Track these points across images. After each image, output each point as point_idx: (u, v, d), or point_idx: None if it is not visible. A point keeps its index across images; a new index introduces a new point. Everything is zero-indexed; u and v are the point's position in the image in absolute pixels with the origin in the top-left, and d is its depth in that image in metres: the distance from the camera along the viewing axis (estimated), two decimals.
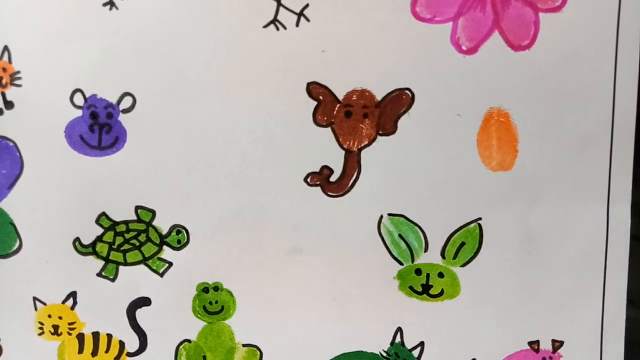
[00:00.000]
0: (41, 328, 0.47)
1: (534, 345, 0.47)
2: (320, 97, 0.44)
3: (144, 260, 0.46)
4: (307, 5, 0.42)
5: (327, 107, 0.44)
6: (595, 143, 0.44)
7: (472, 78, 0.43)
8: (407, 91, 0.43)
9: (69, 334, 0.47)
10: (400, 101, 0.44)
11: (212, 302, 0.46)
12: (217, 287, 0.46)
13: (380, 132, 0.44)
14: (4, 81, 0.43)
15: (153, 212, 0.45)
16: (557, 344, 0.47)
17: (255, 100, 0.44)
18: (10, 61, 0.43)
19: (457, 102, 0.44)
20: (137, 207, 0.45)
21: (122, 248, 0.46)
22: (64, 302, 0.46)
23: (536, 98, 0.43)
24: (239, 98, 0.44)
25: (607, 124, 0.43)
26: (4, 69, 0.43)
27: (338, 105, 0.44)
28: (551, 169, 0.44)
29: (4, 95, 0.43)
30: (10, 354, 0.47)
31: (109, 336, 0.47)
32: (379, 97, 0.44)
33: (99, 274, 0.46)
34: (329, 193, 0.45)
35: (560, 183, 0.44)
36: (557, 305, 0.46)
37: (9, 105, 0.43)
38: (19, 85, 0.43)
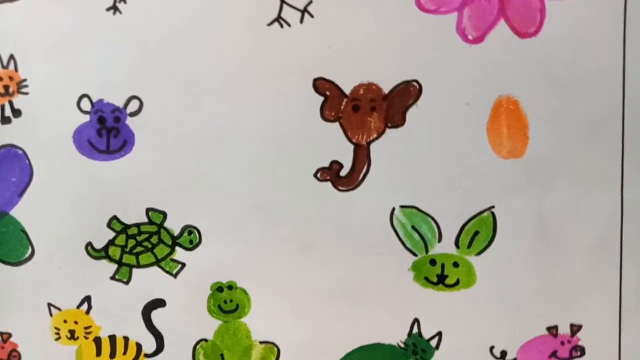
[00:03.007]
0: (57, 333, 0.51)
1: (553, 330, 0.50)
2: (327, 92, 0.47)
3: (157, 262, 0.50)
4: (310, 2, 0.46)
5: (335, 102, 0.47)
6: (606, 127, 0.47)
7: (480, 67, 0.46)
8: (414, 83, 0.47)
9: (86, 338, 0.51)
10: (407, 93, 0.47)
11: (227, 300, 0.50)
12: (231, 286, 0.50)
13: (389, 124, 0.47)
14: (11, 89, 0.47)
15: (164, 214, 0.49)
16: (575, 328, 0.50)
17: (262, 99, 0.47)
18: (16, 69, 0.47)
19: (465, 92, 0.47)
20: (148, 210, 0.49)
21: (134, 251, 0.49)
22: (78, 306, 0.50)
23: (545, 85, 0.46)
24: (246, 97, 0.47)
25: (618, 107, 0.47)
26: (11, 78, 0.47)
27: (345, 100, 0.47)
28: (563, 155, 0.47)
29: (11, 103, 0.47)
30: None
31: (126, 339, 0.51)
32: (386, 90, 0.47)
33: (112, 277, 0.50)
34: (340, 188, 0.48)
35: (573, 169, 0.48)
36: (574, 290, 0.49)
37: (16, 113, 0.47)
38: (26, 93, 0.47)
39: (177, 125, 0.48)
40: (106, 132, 0.48)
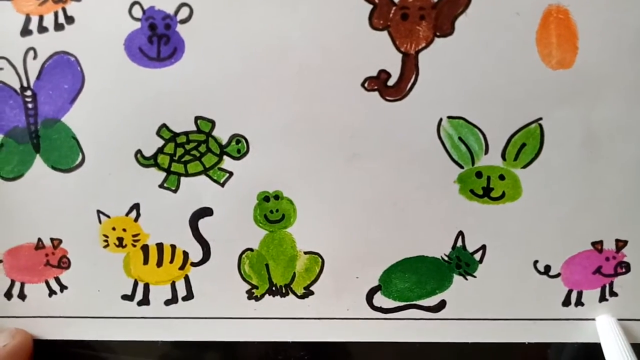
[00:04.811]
0: (106, 241, 0.53)
1: (598, 245, 0.52)
2: (376, 0, 0.49)
3: (205, 171, 0.52)
4: None
5: (383, 10, 0.49)
6: None
7: None
8: None
9: (134, 245, 0.53)
10: (457, 1, 0.48)
11: (273, 210, 0.52)
12: (277, 196, 0.52)
13: (438, 33, 0.49)
14: None
15: (213, 122, 0.51)
16: (620, 244, 0.52)
17: (311, 6, 0.49)
18: None
19: (515, 1, 0.48)
20: (196, 118, 0.51)
21: (183, 159, 0.52)
22: (127, 214, 0.53)
23: None
24: (294, 5, 0.49)
25: None
26: None
27: (394, 8, 0.49)
28: (612, 65, 0.49)
29: (64, 10, 0.49)
30: (78, 267, 0.54)
31: (173, 247, 0.53)
32: None
33: (160, 186, 0.52)
34: (387, 97, 0.50)
35: (622, 80, 0.49)
36: (620, 204, 0.51)
37: (69, 20, 0.49)
38: (79, 0, 0.49)
39: (226, 33, 0.49)
40: (157, 39, 0.50)
